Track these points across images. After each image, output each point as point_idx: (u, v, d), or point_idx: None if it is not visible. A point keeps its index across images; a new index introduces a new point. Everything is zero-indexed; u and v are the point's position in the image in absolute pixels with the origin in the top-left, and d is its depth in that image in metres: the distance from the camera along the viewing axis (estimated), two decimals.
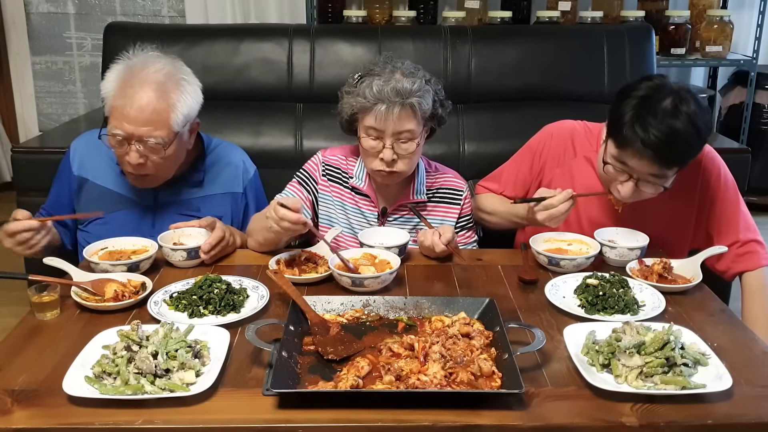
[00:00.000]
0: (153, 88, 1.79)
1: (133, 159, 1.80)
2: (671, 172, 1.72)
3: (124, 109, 1.77)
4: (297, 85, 2.78)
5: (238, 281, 1.62)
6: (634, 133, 1.66)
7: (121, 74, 1.82)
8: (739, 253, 1.91)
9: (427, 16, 4.04)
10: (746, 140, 4.18)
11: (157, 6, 4.50)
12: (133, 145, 1.79)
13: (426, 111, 1.86)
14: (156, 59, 1.85)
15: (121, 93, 1.79)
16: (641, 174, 1.72)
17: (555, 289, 1.62)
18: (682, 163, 1.72)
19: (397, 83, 1.82)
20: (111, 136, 1.81)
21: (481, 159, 2.59)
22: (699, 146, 1.74)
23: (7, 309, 2.87)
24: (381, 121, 1.82)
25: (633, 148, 1.67)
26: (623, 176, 1.75)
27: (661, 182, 1.73)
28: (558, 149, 2.01)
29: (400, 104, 1.81)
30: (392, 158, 1.85)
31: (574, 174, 1.98)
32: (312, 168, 2.06)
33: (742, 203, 1.95)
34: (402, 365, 1.27)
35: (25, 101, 4.68)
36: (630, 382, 1.25)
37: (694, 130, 1.67)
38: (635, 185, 1.74)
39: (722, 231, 1.93)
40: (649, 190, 1.75)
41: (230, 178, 2.06)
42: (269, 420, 1.16)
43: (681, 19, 3.99)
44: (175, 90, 1.82)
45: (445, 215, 2.03)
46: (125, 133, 1.78)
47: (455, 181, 2.08)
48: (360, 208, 2.02)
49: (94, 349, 1.32)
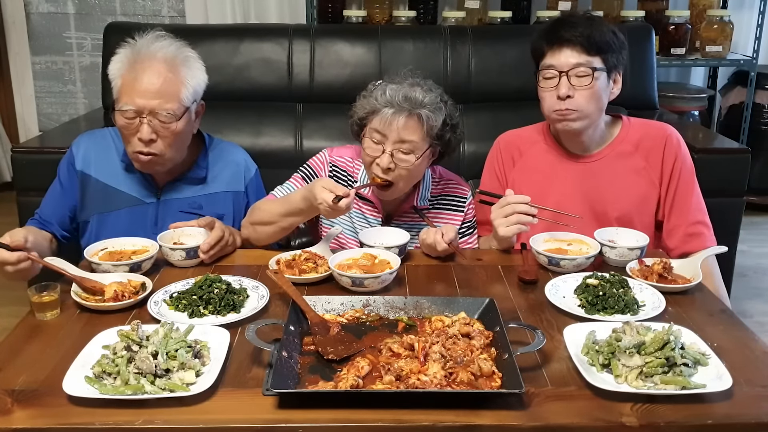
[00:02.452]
0: (162, 62, 1.83)
1: (144, 134, 1.81)
2: (594, 60, 1.88)
3: (135, 84, 1.80)
4: (297, 85, 2.78)
5: (238, 281, 1.62)
6: (548, 36, 1.92)
7: (129, 55, 1.85)
8: (688, 233, 1.98)
9: (427, 16, 4.04)
10: (746, 140, 4.18)
11: (157, 6, 4.50)
12: (144, 119, 1.81)
13: (433, 127, 1.85)
14: (161, 38, 1.88)
15: (130, 69, 1.82)
16: (566, 66, 1.88)
17: (555, 289, 1.62)
18: (600, 44, 1.88)
19: (410, 92, 1.83)
20: (120, 114, 1.81)
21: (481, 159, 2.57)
22: (607, 29, 1.91)
23: (7, 309, 2.87)
24: (386, 125, 1.83)
25: (547, 45, 1.91)
26: (554, 80, 1.89)
27: (585, 68, 1.87)
28: (509, 151, 2.12)
29: (407, 111, 1.82)
30: (388, 166, 1.84)
31: (531, 165, 2.07)
32: (318, 166, 2.05)
33: (696, 185, 2.02)
34: (402, 365, 1.27)
35: (25, 101, 4.68)
36: (630, 382, 1.25)
37: (591, 17, 1.95)
38: (568, 82, 1.88)
39: (675, 209, 1.99)
40: (583, 83, 1.88)
41: (232, 176, 2.06)
42: (269, 420, 1.16)
43: (681, 19, 3.99)
44: (183, 65, 1.86)
45: (448, 221, 2.03)
46: (137, 107, 1.80)
47: (459, 188, 2.08)
48: (364, 213, 2.02)
49: (94, 349, 1.32)
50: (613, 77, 1.94)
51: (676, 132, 2.02)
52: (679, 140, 2.01)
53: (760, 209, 4.31)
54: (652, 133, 2.02)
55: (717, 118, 4.51)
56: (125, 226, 1.91)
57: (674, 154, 1.98)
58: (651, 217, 2.02)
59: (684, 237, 1.98)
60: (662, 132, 2.01)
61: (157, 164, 1.90)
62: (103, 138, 2.04)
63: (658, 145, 1.99)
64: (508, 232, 1.80)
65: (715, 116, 4.50)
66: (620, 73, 1.96)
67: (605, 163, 2.01)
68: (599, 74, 1.88)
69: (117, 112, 1.82)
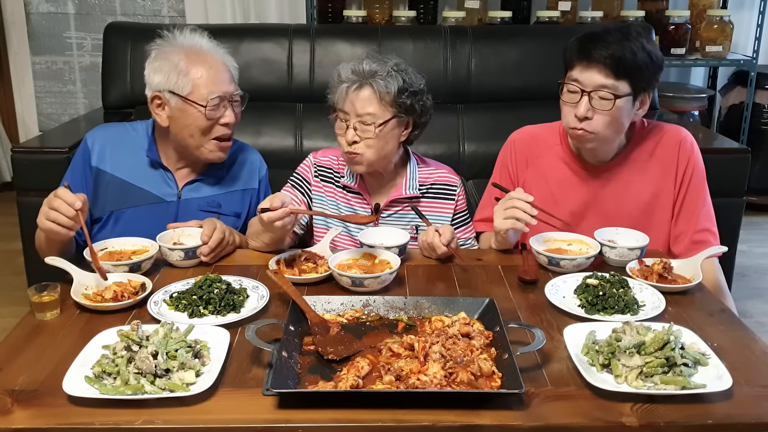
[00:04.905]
0: (217, 53, 1.97)
1: (230, 117, 1.94)
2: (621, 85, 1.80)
3: (212, 75, 1.91)
4: (297, 85, 2.78)
5: (238, 281, 1.62)
6: (582, 47, 1.83)
7: (177, 55, 1.92)
8: (695, 240, 1.95)
9: (427, 16, 4.04)
10: (746, 140, 4.18)
11: (157, 6, 4.50)
12: (227, 106, 1.93)
13: (389, 94, 1.89)
14: (189, 31, 1.99)
15: (197, 65, 1.90)
16: (590, 86, 1.81)
17: (555, 289, 1.62)
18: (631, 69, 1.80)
19: (360, 65, 1.90)
20: (205, 106, 1.89)
21: (481, 159, 2.59)
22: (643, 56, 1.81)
23: (7, 309, 2.86)
24: (343, 101, 1.91)
25: (578, 59, 1.83)
26: (576, 95, 1.83)
27: (609, 93, 1.80)
28: (524, 151, 2.08)
29: (358, 83, 1.89)
30: (353, 139, 1.90)
31: (545, 170, 2.04)
32: (304, 170, 2.09)
33: (707, 191, 2.00)
34: (402, 365, 1.27)
35: (25, 101, 4.68)
36: (630, 382, 1.25)
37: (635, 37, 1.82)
38: (589, 103, 1.82)
39: (683, 214, 1.97)
40: (604, 107, 1.81)
41: (248, 174, 2.10)
42: (269, 420, 1.16)
43: (681, 19, 3.98)
44: (225, 53, 2.01)
45: (440, 211, 2.04)
46: (223, 93, 1.92)
47: (449, 177, 2.09)
48: (353, 206, 2.03)
49: (94, 349, 1.32)
50: (640, 99, 1.87)
51: (690, 136, 1.99)
52: (693, 144, 1.98)
53: (760, 209, 4.31)
54: (666, 137, 1.98)
55: (717, 118, 4.51)
56: (145, 224, 1.91)
57: (687, 158, 1.96)
58: (667, 224, 1.99)
59: (690, 244, 1.95)
60: (676, 136, 1.98)
61: (229, 147, 2.01)
62: (124, 133, 2.05)
63: (672, 150, 1.96)
64: (501, 225, 1.79)
65: (715, 116, 4.50)
66: (650, 94, 1.90)
67: (620, 171, 1.97)
68: (623, 100, 1.81)
69: (200, 106, 1.89)
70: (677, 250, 1.98)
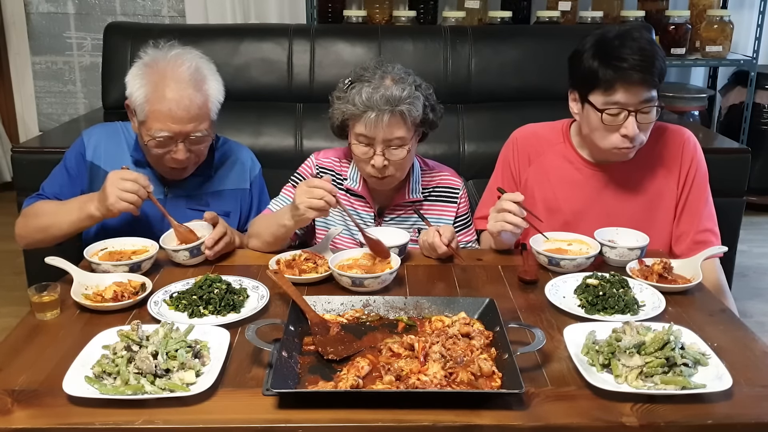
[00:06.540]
0: (189, 85, 1.84)
1: (181, 155, 1.86)
2: (655, 92, 1.80)
3: (169, 112, 1.81)
4: (297, 85, 2.78)
5: (238, 281, 1.62)
6: (615, 69, 1.75)
7: (150, 77, 1.85)
8: (696, 240, 1.95)
9: (427, 16, 4.04)
10: (746, 140, 4.18)
11: (157, 6, 4.50)
12: (180, 143, 1.85)
13: (416, 117, 1.87)
14: (178, 56, 1.89)
15: (159, 96, 1.82)
16: (634, 104, 1.78)
17: (555, 289, 1.62)
18: (662, 74, 1.80)
19: (387, 90, 1.82)
20: (152, 140, 1.84)
21: (481, 159, 2.59)
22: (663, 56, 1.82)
23: (7, 309, 2.86)
24: (371, 128, 1.83)
25: (620, 81, 1.76)
26: (622, 116, 1.79)
27: (652, 105, 1.79)
28: (526, 149, 2.07)
29: (389, 112, 1.82)
30: (383, 164, 1.86)
31: (548, 169, 2.03)
32: (306, 171, 2.07)
33: (709, 192, 2.00)
34: (402, 365, 1.27)
35: (25, 101, 4.68)
36: (630, 382, 1.25)
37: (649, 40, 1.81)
38: (635, 119, 1.79)
39: (685, 215, 1.97)
40: (649, 119, 1.81)
41: (238, 174, 2.09)
42: (269, 420, 1.16)
43: (681, 19, 3.99)
44: (206, 81, 1.89)
45: (442, 214, 2.04)
46: (172, 133, 1.83)
47: (452, 180, 2.08)
48: (356, 209, 2.02)
49: (94, 349, 1.32)
50: None
51: (693, 137, 1.99)
52: (696, 145, 1.98)
53: (760, 209, 4.31)
54: (669, 137, 1.98)
55: (717, 118, 4.51)
56: (132, 221, 1.91)
57: (690, 158, 1.96)
58: (669, 223, 1.99)
59: (692, 244, 1.95)
60: (680, 136, 1.98)
61: (186, 172, 1.96)
62: (115, 132, 2.06)
63: (675, 150, 1.96)
64: (493, 227, 1.80)
65: (715, 116, 4.50)
66: None
67: (624, 172, 1.96)
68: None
69: (148, 136, 1.84)
70: (679, 249, 1.97)
